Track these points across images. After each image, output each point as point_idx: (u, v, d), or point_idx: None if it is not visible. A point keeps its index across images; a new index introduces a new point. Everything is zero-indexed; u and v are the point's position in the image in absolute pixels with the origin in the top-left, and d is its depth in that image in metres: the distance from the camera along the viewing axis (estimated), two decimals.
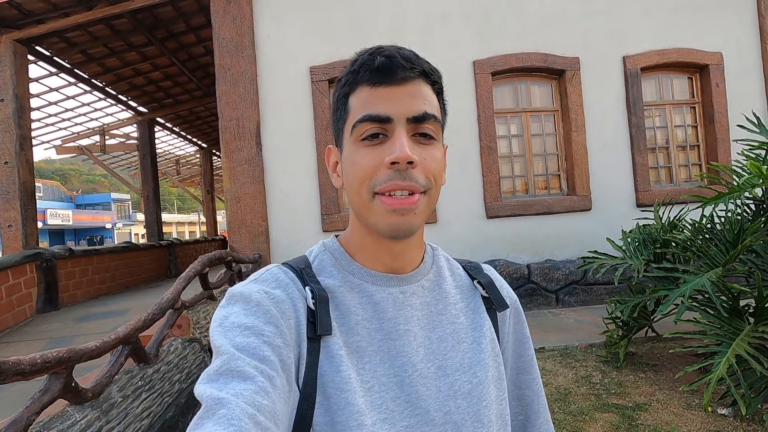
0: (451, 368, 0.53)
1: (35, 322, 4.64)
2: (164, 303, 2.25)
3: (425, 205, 0.51)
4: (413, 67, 0.51)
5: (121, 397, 1.89)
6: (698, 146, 5.68)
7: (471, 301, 0.60)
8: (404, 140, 0.49)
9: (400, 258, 0.55)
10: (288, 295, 0.50)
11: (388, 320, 0.53)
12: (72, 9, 5.36)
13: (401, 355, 0.52)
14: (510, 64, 5.24)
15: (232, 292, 0.50)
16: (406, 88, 0.50)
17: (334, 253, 0.57)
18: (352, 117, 0.52)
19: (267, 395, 0.40)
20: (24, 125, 5.35)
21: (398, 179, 0.49)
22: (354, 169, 0.51)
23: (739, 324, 2.33)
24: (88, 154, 10.30)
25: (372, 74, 0.50)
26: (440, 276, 0.59)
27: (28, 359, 1.33)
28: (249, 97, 4.89)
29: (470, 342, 0.56)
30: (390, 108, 0.49)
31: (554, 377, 3.08)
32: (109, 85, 8.27)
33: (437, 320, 0.56)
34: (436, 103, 0.53)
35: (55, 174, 44.80)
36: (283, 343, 0.46)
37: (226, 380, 0.40)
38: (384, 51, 0.51)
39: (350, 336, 0.51)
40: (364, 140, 0.50)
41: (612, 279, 4.80)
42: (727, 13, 5.55)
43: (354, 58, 0.53)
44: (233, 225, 4.86)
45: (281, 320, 0.47)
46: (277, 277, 0.52)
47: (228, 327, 0.45)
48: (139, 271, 7.40)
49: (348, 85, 0.53)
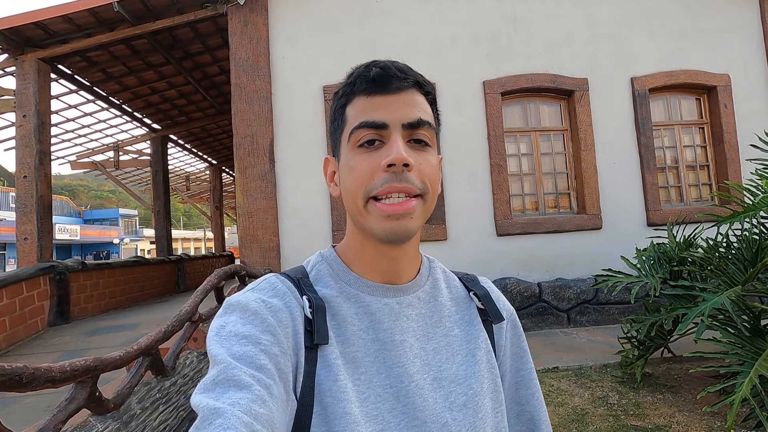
0: (446, 380, 0.53)
1: (47, 335, 4.65)
2: (183, 315, 2.26)
3: (421, 210, 0.51)
4: (407, 77, 0.52)
5: (140, 408, 1.89)
6: (708, 166, 5.69)
7: (466, 313, 0.60)
8: (400, 144, 0.50)
9: (396, 266, 0.56)
10: (285, 304, 0.50)
11: (384, 331, 0.53)
12: (95, 30, 5.55)
13: (397, 365, 0.51)
14: (519, 85, 5.33)
15: (230, 301, 0.49)
16: (400, 97, 0.52)
17: (331, 263, 0.57)
18: (349, 125, 0.53)
19: (264, 404, 0.40)
20: (44, 141, 5.48)
21: (394, 182, 0.49)
22: (351, 175, 0.52)
23: (761, 344, 2.30)
24: (102, 170, 10.47)
25: (368, 84, 0.52)
26: (436, 288, 0.59)
27: (58, 367, 1.34)
28: (263, 115, 5.00)
29: (465, 354, 0.56)
30: (386, 115, 0.51)
31: (570, 397, 3.03)
32: (125, 103, 8.48)
33: (432, 332, 0.56)
34: (429, 112, 0.54)
35: (64, 189, 45.45)
36: (280, 352, 0.46)
37: (223, 389, 0.40)
38: (379, 63, 0.53)
39: (346, 346, 0.51)
40: (361, 147, 0.52)
41: (625, 298, 4.76)
42: (732, 36, 5.64)
43: (350, 71, 0.55)
44: (245, 240, 4.90)
45: (278, 329, 0.47)
46: (274, 286, 0.52)
47: (225, 336, 0.45)
48: (148, 285, 7.43)
49: (345, 96, 0.54)
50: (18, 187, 5.33)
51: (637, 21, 5.53)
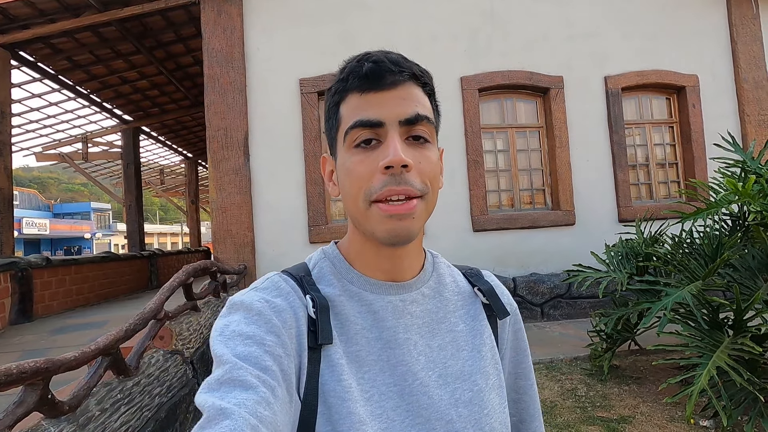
0: (452, 377, 0.53)
1: (7, 333, 4.45)
2: (147, 313, 2.19)
3: (423, 210, 0.50)
4: (402, 70, 0.50)
5: (99, 410, 1.82)
6: (676, 164, 5.87)
7: (471, 309, 0.59)
8: (397, 143, 0.48)
9: (399, 265, 0.55)
10: (289, 304, 0.49)
11: (388, 329, 0.52)
12: (59, 15, 5.31)
13: (401, 363, 0.51)
14: (496, 81, 5.36)
15: (233, 300, 0.49)
16: (396, 92, 0.50)
17: (333, 261, 0.56)
18: (344, 125, 0.51)
19: (269, 406, 0.40)
20: (4, 131, 5.23)
21: (393, 184, 0.48)
22: (349, 177, 0.51)
23: (719, 336, 2.39)
24: (70, 162, 10.08)
25: (361, 81, 0.50)
26: (441, 283, 0.58)
27: (3, 369, 1.27)
28: (237, 108, 4.89)
29: (470, 350, 0.56)
30: (381, 112, 0.49)
31: (540, 390, 3.09)
32: (93, 93, 8.16)
33: (437, 328, 0.55)
34: (428, 105, 0.52)
35: (33, 182, 43.63)
36: (284, 353, 0.45)
37: (228, 389, 0.40)
38: (371, 57, 0.50)
39: (350, 345, 0.51)
40: (357, 147, 0.50)
41: (596, 293, 4.86)
42: (702, 39, 5.81)
43: (342, 66, 0.53)
44: (218, 235, 4.80)
45: (282, 329, 0.47)
46: (277, 285, 0.52)
47: (229, 336, 0.45)
48: (119, 282, 7.21)
49: (338, 94, 0.52)
50: None
51: (613, 22, 5.64)
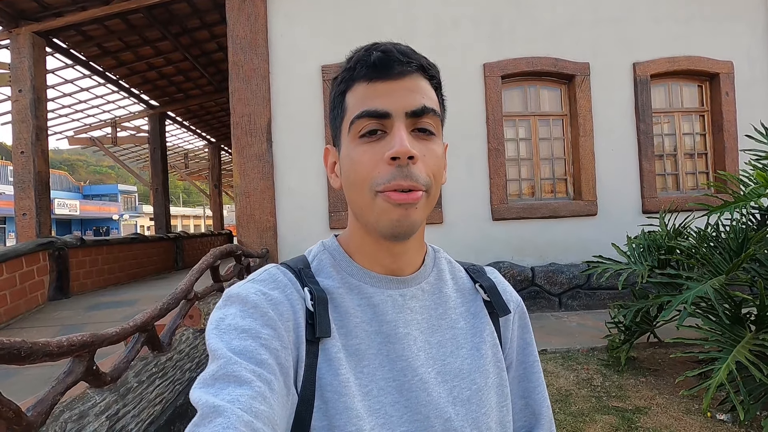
0: (450, 374, 0.52)
1: (47, 309, 4.74)
2: (178, 293, 2.32)
3: (425, 203, 0.50)
4: (410, 61, 0.49)
5: (137, 382, 1.96)
6: (706, 154, 5.68)
7: (472, 306, 0.58)
8: (403, 135, 0.47)
9: (399, 259, 0.54)
10: (286, 297, 0.49)
11: (387, 323, 0.51)
12: (89, 3, 5.46)
13: (401, 358, 0.50)
14: (520, 68, 5.27)
15: (229, 293, 0.48)
16: (403, 83, 0.49)
17: (333, 254, 0.55)
18: (349, 114, 0.50)
19: (265, 400, 0.39)
20: (40, 116, 5.45)
21: (399, 177, 0.47)
22: (353, 167, 0.50)
23: (740, 331, 2.37)
24: (100, 146, 10.43)
25: (368, 70, 0.49)
26: (441, 279, 0.58)
27: (55, 342, 1.39)
28: (261, 94, 4.96)
29: (469, 348, 0.55)
30: (388, 103, 0.48)
31: (556, 379, 3.12)
32: (122, 79, 8.38)
33: (437, 324, 0.54)
34: (434, 98, 0.51)
35: (63, 164, 45.21)
36: (281, 346, 0.45)
37: (223, 385, 0.39)
38: (380, 46, 0.49)
39: (349, 339, 0.50)
40: (363, 137, 0.49)
41: (615, 284, 4.82)
42: (738, 24, 5.55)
43: (350, 55, 0.52)
44: (242, 220, 4.94)
45: (279, 323, 0.46)
46: (275, 277, 0.51)
47: (224, 329, 0.44)
48: (146, 262, 7.51)
49: (344, 83, 0.51)
50: (15, 162, 5.33)
51: (642, 6, 5.43)
